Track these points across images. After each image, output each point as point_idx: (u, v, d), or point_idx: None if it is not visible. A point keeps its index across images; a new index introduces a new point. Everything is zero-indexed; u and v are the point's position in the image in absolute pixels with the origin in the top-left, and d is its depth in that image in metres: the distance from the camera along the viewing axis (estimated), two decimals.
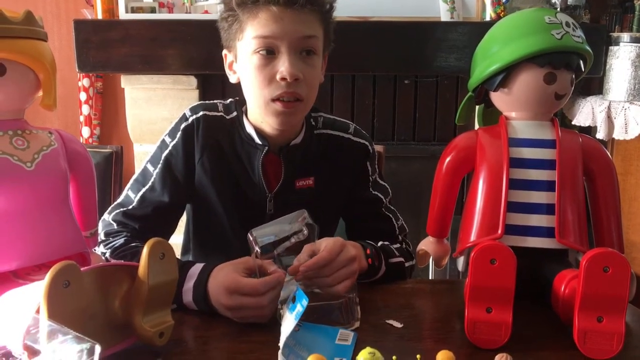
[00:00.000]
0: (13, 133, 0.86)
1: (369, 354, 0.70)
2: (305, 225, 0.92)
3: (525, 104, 1.01)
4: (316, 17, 1.06)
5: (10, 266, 0.83)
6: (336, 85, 2.54)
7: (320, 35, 1.08)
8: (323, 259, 0.91)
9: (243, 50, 1.07)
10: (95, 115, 2.77)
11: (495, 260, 0.82)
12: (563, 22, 1.00)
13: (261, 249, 0.89)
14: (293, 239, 0.91)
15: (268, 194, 1.14)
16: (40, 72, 0.87)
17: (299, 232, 0.91)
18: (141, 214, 1.12)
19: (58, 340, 0.63)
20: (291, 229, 0.91)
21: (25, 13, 0.85)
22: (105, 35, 2.28)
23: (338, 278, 0.93)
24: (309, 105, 1.12)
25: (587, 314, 0.82)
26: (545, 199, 0.96)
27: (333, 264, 0.92)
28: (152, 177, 1.13)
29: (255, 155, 1.13)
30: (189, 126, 1.14)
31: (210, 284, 0.94)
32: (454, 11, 2.38)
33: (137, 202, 1.13)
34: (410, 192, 2.37)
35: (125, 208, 1.13)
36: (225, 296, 0.91)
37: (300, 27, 1.03)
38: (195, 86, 2.41)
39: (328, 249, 0.93)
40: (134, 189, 1.14)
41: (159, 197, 1.13)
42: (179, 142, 1.14)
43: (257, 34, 1.03)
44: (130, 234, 1.10)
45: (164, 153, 1.14)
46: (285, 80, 1.03)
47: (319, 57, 1.09)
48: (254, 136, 1.13)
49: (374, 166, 1.24)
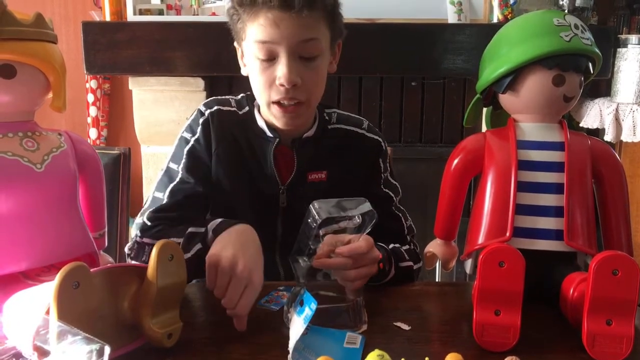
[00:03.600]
0: (23, 135, 0.87)
1: (378, 356, 0.70)
2: (365, 214, 0.91)
3: (533, 106, 1.01)
4: (317, 19, 1.05)
5: (20, 267, 0.84)
6: (343, 86, 2.54)
7: (322, 36, 1.07)
8: (361, 248, 0.93)
9: (247, 51, 1.09)
10: (103, 117, 2.78)
11: (504, 263, 0.82)
12: (572, 24, 0.99)
13: (322, 221, 0.86)
14: (343, 223, 0.91)
15: (281, 186, 1.15)
16: (50, 74, 0.88)
17: (352, 218, 0.91)
18: (173, 204, 1.11)
19: (68, 341, 0.63)
20: (349, 213, 0.90)
21: (35, 15, 0.85)
22: (113, 37, 2.29)
23: (360, 274, 0.94)
24: (313, 105, 1.12)
25: (596, 317, 0.81)
26: (553, 202, 0.96)
27: (362, 258, 0.94)
28: (178, 173, 1.13)
29: (267, 147, 1.14)
30: (205, 120, 1.15)
31: (236, 229, 0.95)
32: (462, 13, 2.37)
33: (168, 196, 1.12)
34: (416, 193, 2.36)
35: (156, 206, 1.12)
36: (227, 253, 0.89)
37: (299, 31, 1.03)
38: (202, 88, 2.41)
39: (366, 241, 0.94)
40: (160, 189, 1.14)
41: (188, 186, 1.12)
42: (200, 135, 1.14)
43: (256, 38, 1.04)
44: (167, 224, 1.09)
45: (185, 148, 1.15)
46: (284, 86, 1.04)
47: (322, 57, 1.08)
48: (265, 129, 1.14)
49: (385, 163, 1.24)
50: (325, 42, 1.08)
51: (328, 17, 1.07)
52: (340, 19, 1.12)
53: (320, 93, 1.11)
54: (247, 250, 0.91)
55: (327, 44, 1.09)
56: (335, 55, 1.15)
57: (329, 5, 1.07)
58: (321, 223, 0.86)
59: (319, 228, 0.88)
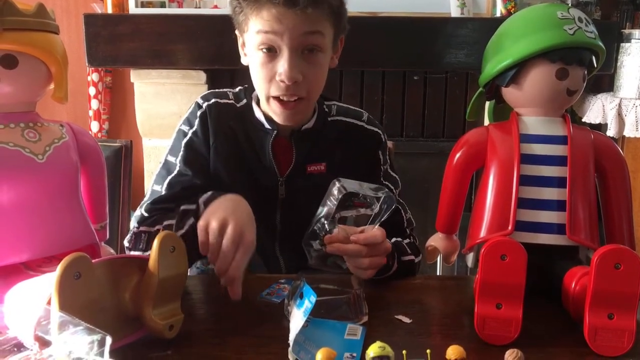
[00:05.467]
0: (25, 125, 0.87)
1: (379, 347, 0.70)
2: (383, 202, 0.91)
3: (536, 100, 1.01)
4: (322, 15, 1.04)
5: (21, 258, 0.84)
6: (345, 81, 2.53)
7: (327, 30, 1.06)
8: (376, 237, 0.94)
9: (248, 42, 1.08)
10: (104, 109, 2.78)
11: (506, 256, 0.82)
12: (576, 17, 0.99)
13: (345, 196, 0.87)
14: (361, 209, 0.91)
15: (279, 178, 1.15)
16: (52, 64, 0.88)
17: (372, 205, 0.91)
18: (171, 195, 1.11)
19: (69, 331, 0.64)
20: (369, 197, 0.90)
21: (37, 6, 0.85)
22: (115, 29, 2.29)
23: (373, 263, 0.96)
24: (313, 100, 1.12)
25: (597, 311, 0.81)
26: (556, 196, 0.96)
27: (377, 248, 0.95)
28: (176, 165, 1.13)
29: (266, 139, 1.14)
30: (203, 113, 1.15)
31: (226, 197, 0.97)
32: (464, 7, 2.37)
33: (165, 188, 1.12)
34: (418, 188, 2.36)
35: (154, 198, 1.12)
36: (218, 215, 0.92)
37: (303, 24, 1.02)
38: (204, 81, 2.41)
39: (382, 231, 0.95)
40: (159, 182, 1.14)
41: (186, 179, 1.12)
42: (198, 127, 1.15)
43: (259, 28, 1.03)
44: (163, 214, 1.09)
45: (183, 141, 1.15)
46: (285, 82, 1.03)
47: (324, 53, 1.07)
48: (264, 121, 1.14)
49: (385, 156, 1.24)
50: (329, 38, 1.08)
51: (333, 15, 1.06)
52: (345, 17, 1.11)
53: (320, 89, 1.11)
54: (237, 212, 0.93)
55: (330, 40, 1.08)
56: (337, 51, 1.14)
57: (335, 4, 1.06)
58: (343, 198, 0.86)
59: (343, 202, 0.89)
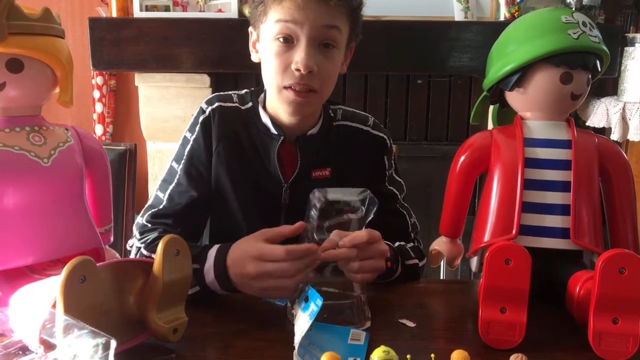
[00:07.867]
0: (30, 129, 0.87)
1: (384, 352, 0.70)
2: (366, 200, 0.90)
3: (541, 104, 1.01)
4: (343, 11, 1.06)
5: (27, 261, 0.84)
6: (349, 84, 2.53)
7: (344, 28, 1.07)
8: (361, 237, 0.92)
9: (265, 34, 1.08)
10: (109, 113, 2.79)
11: (510, 261, 0.82)
12: (580, 21, 0.99)
13: (325, 204, 0.86)
14: (347, 216, 0.91)
15: (284, 183, 1.14)
16: (57, 68, 0.88)
17: (357, 210, 0.91)
18: (172, 212, 1.12)
19: (74, 334, 0.64)
20: (352, 201, 0.90)
21: (43, 10, 0.86)
22: (120, 33, 2.29)
23: (365, 267, 0.94)
24: (324, 97, 1.12)
25: (602, 316, 0.81)
26: (560, 200, 0.96)
27: (366, 250, 0.93)
28: (177, 175, 1.14)
29: (271, 144, 1.13)
30: (206, 118, 1.15)
31: (230, 257, 0.95)
32: (468, 11, 2.37)
33: (167, 200, 1.13)
34: (422, 192, 2.36)
35: (156, 208, 1.13)
36: (248, 263, 0.91)
37: (324, 16, 1.03)
38: (208, 84, 2.41)
39: (368, 232, 0.93)
40: (162, 189, 1.15)
41: (186, 192, 1.13)
42: (199, 134, 1.15)
43: (279, 17, 1.03)
44: (163, 230, 1.10)
45: (186, 148, 1.15)
46: (300, 71, 1.03)
47: (339, 50, 1.08)
48: (270, 126, 1.13)
49: (390, 161, 1.24)
50: (344, 37, 1.09)
51: (352, 14, 1.08)
52: (360, 22, 1.13)
53: (332, 86, 1.11)
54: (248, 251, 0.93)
55: (345, 39, 1.09)
56: (347, 57, 1.15)
57: (355, 3, 1.08)
58: (325, 207, 0.86)
59: (327, 211, 0.88)
